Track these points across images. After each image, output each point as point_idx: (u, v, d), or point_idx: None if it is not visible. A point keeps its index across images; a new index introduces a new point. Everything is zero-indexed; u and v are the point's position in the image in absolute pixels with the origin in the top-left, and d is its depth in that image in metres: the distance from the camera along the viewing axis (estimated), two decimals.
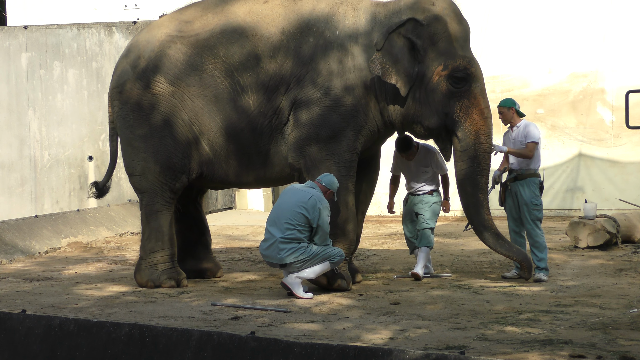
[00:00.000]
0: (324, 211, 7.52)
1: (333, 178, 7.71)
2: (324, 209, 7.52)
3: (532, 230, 8.35)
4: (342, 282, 7.81)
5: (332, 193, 7.72)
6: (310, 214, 7.47)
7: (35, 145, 14.63)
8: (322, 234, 7.53)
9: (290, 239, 7.48)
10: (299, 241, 7.47)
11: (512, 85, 14.46)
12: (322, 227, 7.51)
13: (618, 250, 10.07)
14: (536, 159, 8.40)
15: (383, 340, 5.80)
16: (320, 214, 7.48)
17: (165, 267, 8.21)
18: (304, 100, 7.94)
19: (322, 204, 7.51)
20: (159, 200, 8.25)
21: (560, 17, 14.50)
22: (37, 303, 7.36)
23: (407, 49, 7.87)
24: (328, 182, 7.67)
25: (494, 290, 7.75)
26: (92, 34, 14.50)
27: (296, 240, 7.47)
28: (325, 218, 7.52)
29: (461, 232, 12.24)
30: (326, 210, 7.54)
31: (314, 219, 7.47)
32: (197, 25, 8.22)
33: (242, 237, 12.33)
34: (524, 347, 5.53)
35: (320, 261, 7.52)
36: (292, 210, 7.51)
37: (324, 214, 7.50)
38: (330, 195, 7.70)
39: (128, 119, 8.30)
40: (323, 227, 7.52)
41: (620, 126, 13.99)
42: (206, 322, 6.47)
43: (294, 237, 7.48)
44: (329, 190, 7.67)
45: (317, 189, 7.62)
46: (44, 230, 11.34)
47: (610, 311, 6.70)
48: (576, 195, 14.32)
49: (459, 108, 7.90)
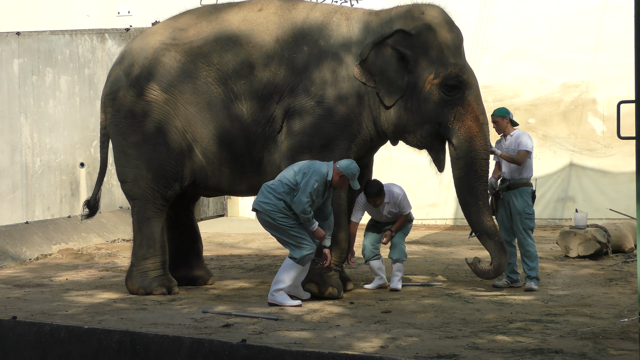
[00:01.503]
0: (310, 179, 7.41)
1: (352, 165, 7.55)
2: (311, 179, 7.41)
3: (523, 240, 8.37)
4: (334, 290, 7.80)
5: (343, 178, 7.54)
6: (297, 174, 7.46)
7: (27, 151, 14.60)
8: (297, 201, 7.40)
9: (271, 189, 7.51)
10: (279, 197, 7.45)
11: (504, 95, 14.50)
12: (299, 193, 7.41)
13: (608, 260, 10.10)
14: (528, 168, 8.43)
15: (374, 349, 5.80)
16: (305, 179, 7.41)
17: (156, 274, 8.20)
18: (297, 109, 7.94)
19: (314, 177, 7.43)
20: (151, 207, 8.25)
21: (552, 28, 14.56)
22: (27, 310, 7.34)
23: (395, 60, 7.88)
24: (343, 166, 7.54)
25: (484, 299, 7.77)
26: (85, 41, 14.49)
27: (276, 193, 7.47)
28: (306, 187, 7.39)
29: (452, 241, 12.28)
30: (312, 181, 7.41)
31: (297, 180, 7.44)
32: (191, 32, 8.23)
33: (233, 245, 12.32)
34: (514, 356, 5.54)
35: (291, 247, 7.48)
36: (289, 168, 7.60)
37: (309, 181, 7.40)
38: (339, 180, 7.53)
39: (121, 126, 8.30)
40: (299, 195, 7.40)
41: (611, 136, 14.04)
42: (197, 330, 6.46)
43: (274, 189, 7.49)
44: (341, 173, 7.53)
45: (331, 169, 7.56)
46: (35, 236, 11.32)
47: (600, 321, 6.71)
48: (567, 204, 14.36)
49: (452, 116, 7.91)
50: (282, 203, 7.48)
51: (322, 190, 7.54)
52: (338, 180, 7.55)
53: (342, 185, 7.62)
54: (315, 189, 7.43)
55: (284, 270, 7.51)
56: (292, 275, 7.51)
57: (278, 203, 7.48)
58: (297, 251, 7.49)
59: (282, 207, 7.47)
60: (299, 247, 7.49)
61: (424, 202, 14.80)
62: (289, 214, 7.49)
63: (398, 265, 8.38)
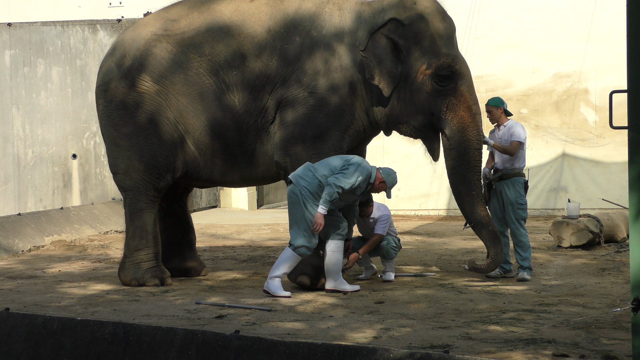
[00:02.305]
0: (358, 171, 7.44)
1: (394, 175, 7.68)
2: (359, 171, 7.44)
3: (516, 230, 8.37)
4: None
5: (382, 185, 7.63)
6: (345, 164, 7.49)
7: (19, 143, 14.56)
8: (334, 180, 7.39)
9: (314, 168, 7.55)
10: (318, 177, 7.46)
11: (496, 85, 14.49)
12: (341, 176, 7.41)
13: (601, 250, 10.11)
14: (521, 159, 8.43)
15: (367, 339, 5.81)
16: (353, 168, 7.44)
17: (149, 265, 8.20)
18: (290, 99, 7.93)
19: (362, 171, 7.46)
20: (143, 198, 8.24)
21: (544, 17, 14.55)
22: (20, 301, 7.33)
23: (390, 49, 7.87)
24: (386, 174, 7.65)
25: (477, 290, 7.78)
26: (77, 32, 14.45)
27: (316, 173, 7.49)
28: (351, 176, 7.40)
29: (445, 231, 12.28)
30: (358, 173, 7.43)
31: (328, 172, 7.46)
32: (183, 23, 8.21)
33: (226, 236, 12.31)
34: (507, 346, 5.55)
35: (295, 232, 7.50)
36: (338, 157, 7.64)
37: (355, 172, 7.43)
38: (379, 186, 7.61)
39: (113, 117, 8.28)
40: (341, 176, 7.41)
41: (604, 126, 14.05)
42: (190, 321, 6.46)
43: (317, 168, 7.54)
44: (382, 180, 7.61)
45: (374, 172, 7.59)
46: (27, 228, 11.30)
47: (593, 310, 6.73)
48: (559, 195, 14.37)
49: (445, 106, 7.90)
50: (317, 183, 7.48)
51: (363, 188, 7.61)
52: (378, 186, 7.64)
53: (379, 190, 7.72)
54: (357, 182, 7.46)
55: (283, 260, 7.52)
56: (290, 264, 7.53)
57: (314, 182, 7.48)
58: (298, 239, 7.47)
59: (315, 188, 7.47)
60: (301, 236, 7.48)
61: (417, 192, 14.81)
62: (316, 199, 7.49)
63: (390, 262, 8.36)
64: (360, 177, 7.49)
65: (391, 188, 7.72)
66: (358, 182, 7.49)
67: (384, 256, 8.31)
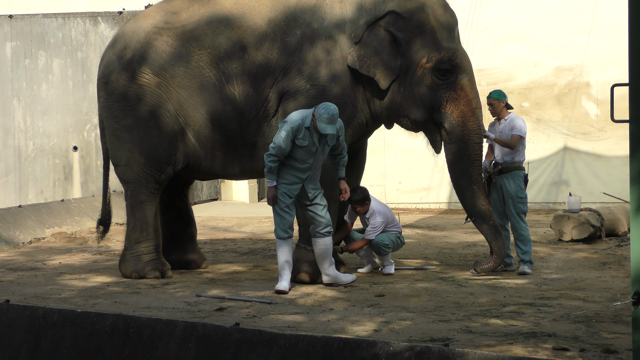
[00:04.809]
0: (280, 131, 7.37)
1: (328, 106, 7.26)
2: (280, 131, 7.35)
3: (516, 224, 8.37)
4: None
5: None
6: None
7: (20, 135, 14.55)
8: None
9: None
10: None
11: (498, 78, 14.47)
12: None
13: (602, 244, 10.11)
14: (521, 152, 8.42)
15: (367, 332, 5.81)
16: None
17: (149, 258, 8.20)
18: (291, 91, 7.92)
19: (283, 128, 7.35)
20: (144, 191, 8.23)
21: (546, 10, 14.52)
22: (20, 293, 7.34)
23: (388, 42, 7.86)
24: (320, 107, 7.32)
25: (478, 283, 7.78)
26: (78, 24, 14.43)
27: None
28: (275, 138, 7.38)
29: (445, 225, 12.28)
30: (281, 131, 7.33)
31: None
32: (184, 16, 8.20)
33: (227, 229, 12.31)
34: (507, 339, 5.55)
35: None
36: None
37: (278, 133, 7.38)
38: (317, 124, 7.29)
39: (113, 110, 8.27)
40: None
41: (605, 120, 14.04)
42: (190, 313, 6.47)
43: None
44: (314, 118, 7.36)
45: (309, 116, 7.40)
46: (28, 220, 11.30)
47: (593, 304, 6.73)
48: (561, 188, 14.36)
49: (445, 100, 7.89)
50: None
51: (303, 137, 7.34)
52: (316, 125, 7.34)
53: (318, 129, 7.35)
54: (288, 134, 7.28)
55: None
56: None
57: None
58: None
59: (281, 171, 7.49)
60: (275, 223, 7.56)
61: (418, 186, 14.80)
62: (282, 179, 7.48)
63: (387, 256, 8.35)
64: (288, 127, 7.30)
65: (324, 122, 7.24)
66: (289, 133, 7.28)
67: (376, 253, 8.32)
